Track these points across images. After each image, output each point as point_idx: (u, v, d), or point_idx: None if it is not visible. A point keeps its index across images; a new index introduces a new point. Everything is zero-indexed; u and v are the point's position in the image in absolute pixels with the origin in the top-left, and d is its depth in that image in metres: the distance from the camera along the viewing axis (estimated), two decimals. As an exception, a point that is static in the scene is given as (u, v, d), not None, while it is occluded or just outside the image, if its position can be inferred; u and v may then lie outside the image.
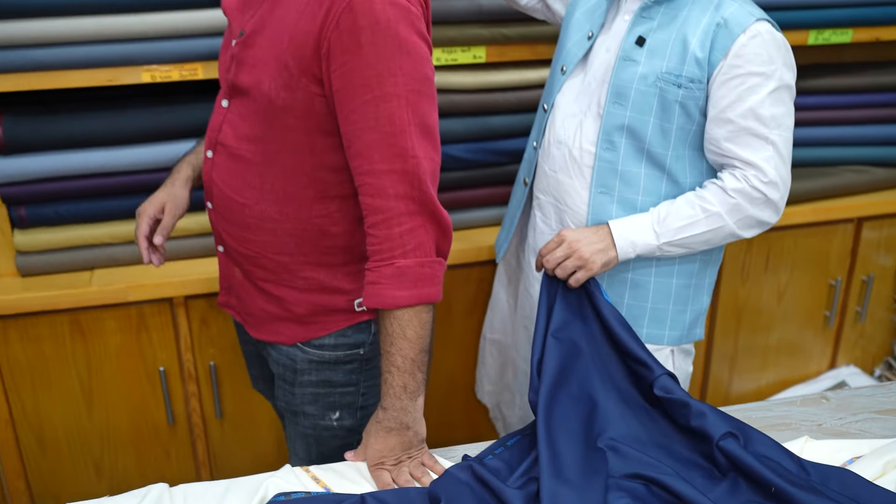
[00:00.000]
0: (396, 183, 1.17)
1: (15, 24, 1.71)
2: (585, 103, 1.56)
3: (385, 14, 1.12)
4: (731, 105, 1.43)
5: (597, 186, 1.54)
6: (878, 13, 2.21)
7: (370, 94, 1.14)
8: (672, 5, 1.48)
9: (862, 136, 2.35)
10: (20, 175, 1.80)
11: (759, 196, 1.45)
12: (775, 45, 1.43)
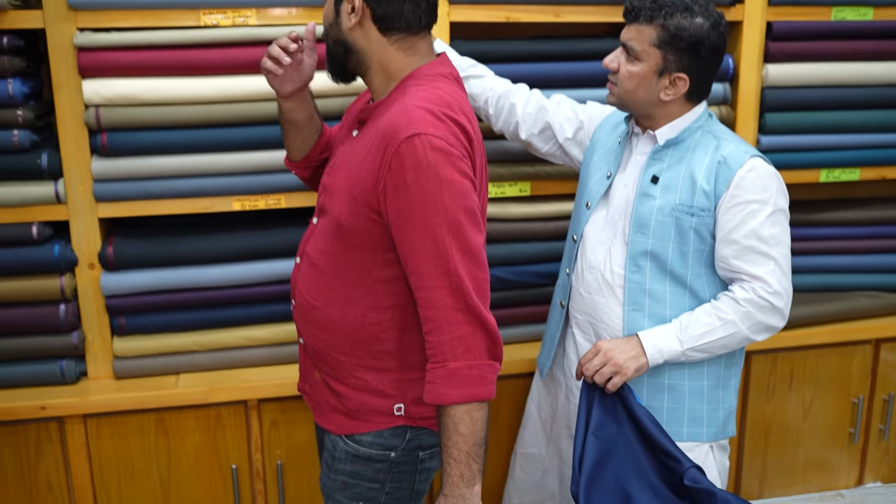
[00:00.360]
0: (445, 297, 1.37)
1: (129, 161, 2.02)
2: (611, 232, 1.79)
3: (426, 157, 1.34)
4: (736, 228, 1.68)
5: (629, 304, 1.76)
6: (883, 154, 2.45)
7: (417, 223, 1.36)
8: (679, 148, 1.74)
9: (874, 265, 2.55)
10: (125, 289, 2.07)
11: (766, 304, 1.67)
12: (768, 176, 1.69)
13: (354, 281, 1.47)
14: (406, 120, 1.34)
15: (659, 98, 1.72)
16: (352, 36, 1.45)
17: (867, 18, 2.34)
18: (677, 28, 1.65)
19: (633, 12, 1.71)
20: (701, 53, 1.68)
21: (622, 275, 1.77)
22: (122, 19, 1.96)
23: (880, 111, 2.42)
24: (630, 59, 1.71)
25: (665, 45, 1.67)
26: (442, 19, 2.08)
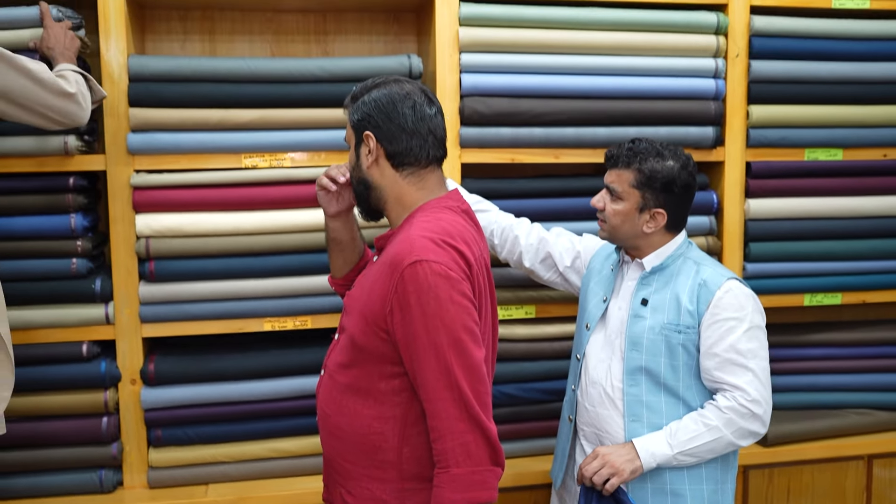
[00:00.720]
0: (449, 408, 1.51)
1: (172, 286, 2.25)
2: (610, 350, 1.99)
3: (427, 281, 1.48)
4: (716, 343, 1.87)
5: (628, 416, 1.94)
6: (863, 280, 2.65)
7: (421, 342, 1.51)
8: (664, 273, 1.96)
9: (863, 384, 2.70)
10: (162, 403, 2.25)
11: (747, 411, 1.84)
12: (744, 296, 1.90)
13: (363, 392, 1.62)
14: (409, 248, 1.52)
15: (642, 231, 1.95)
16: (370, 174, 1.66)
17: (837, 158, 2.60)
18: (651, 171, 1.91)
19: (612, 159, 1.98)
20: (674, 191, 1.92)
21: (621, 388, 1.95)
22: (173, 162, 2.23)
23: (858, 241, 2.63)
24: (614, 199, 1.96)
25: (642, 186, 1.92)
26: (454, 161, 2.35)
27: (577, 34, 2.39)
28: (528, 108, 2.38)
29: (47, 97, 1.85)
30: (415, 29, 2.64)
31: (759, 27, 2.50)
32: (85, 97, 1.95)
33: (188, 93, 2.22)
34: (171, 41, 2.52)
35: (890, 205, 2.64)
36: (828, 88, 2.58)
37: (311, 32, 2.59)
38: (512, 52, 2.38)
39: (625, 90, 2.44)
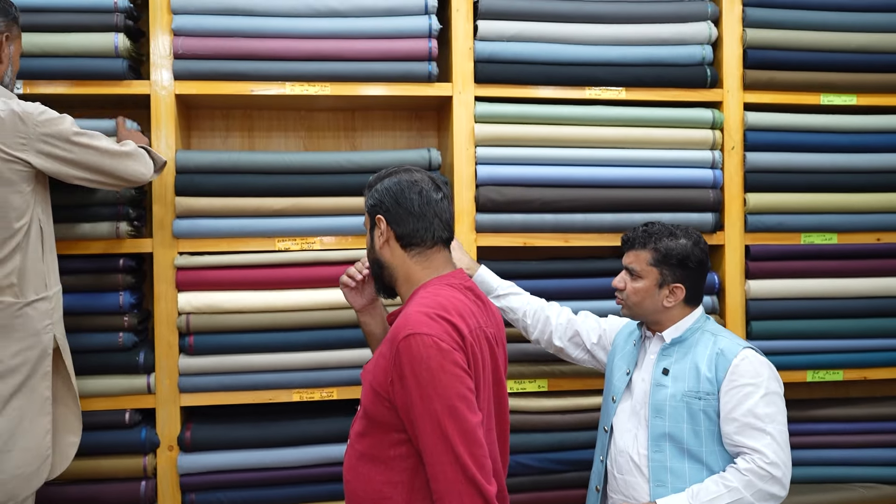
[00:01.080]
0: (447, 471, 1.60)
1: (209, 359, 2.44)
2: (636, 420, 2.10)
3: (419, 353, 1.58)
4: (734, 408, 1.97)
5: (654, 481, 2.04)
6: (864, 357, 2.77)
7: (418, 410, 1.62)
8: (683, 345, 2.10)
9: (868, 458, 2.79)
10: (197, 468, 2.41)
11: (766, 474, 1.91)
12: (759, 364, 2.01)
13: (375, 458, 1.71)
14: (405, 323, 1.65)
15: (663, 305, 2.11)
16: (382, 254, 1.83)
17: (832, 242, 2.76)
18: (667, 249, 2.08)
19: (629, 242, 2.16)
20: (689, 266, 2.09)
21: (646, 455, 2.06)
22: (213, 245, 2.45)
23: (856, 320, 2.76)
24: (633, 279, 2.12)
25: (660, 263, 2.09)
26: (471, 244, 2.55)
27: (583, 129, 2.62)
28: (539, 196, 2.58)
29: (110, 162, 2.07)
30: (435, 125, 2.89)
31: (752, 122, 2.71)
32: (146, 158, 2.17)
33: (228, 183, 2.46)
34: (214, 137, 2.78)
35: (885, 286, 2.78)
36: (821, 177, 2.76)
37: (341, 129, 2.85)
38: (523, 145, 2.60)
39: (629, 180, 2.64)
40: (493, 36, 2.57)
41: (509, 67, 2.59)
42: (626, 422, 2.13)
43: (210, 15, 2.44)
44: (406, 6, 2.51)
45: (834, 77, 2.75)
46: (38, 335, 1.96)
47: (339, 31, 2.49)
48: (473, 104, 2.57)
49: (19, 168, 1.91)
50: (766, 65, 2.72)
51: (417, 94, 2.56)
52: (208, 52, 2.44)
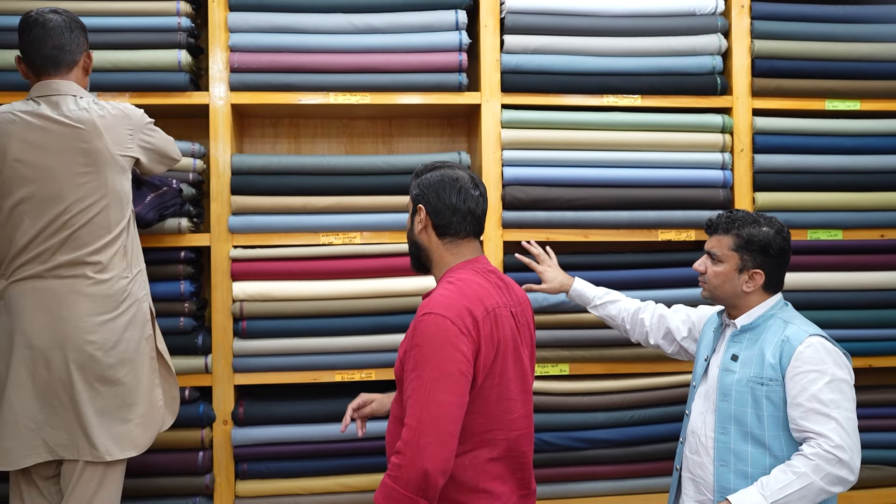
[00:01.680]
0: (406, 433, 1.71)
1: (260, 342, 2.69)
2: (707, 404, 2.21)
3: (429, 329, 1.77)
4: (799, 393, 2.01)
5: (717, 461, 2.12)
6: (869, 346, 2.94)
7: (412, 376, 1.75)
8: (754, 332, 2.16)
9: (873, 442, 2.95)
10: (249, 441, 2.66)
11: (833, 457, 1.94)
12: (825, 351, 2.04)
13: (401, 419, 1.90)
14: (429, 302, 1.86)
15: (742, 290, 2.16)
16: (420, 238, 2.05)
17: (837, 238, 2.94)
18: (749, 235, 2.15)
19: (713, 227, 2.23)
20: (770, 253, 2.14)
21: (713, 437, 2.15)
22: (264, 239, 2.72)
23: (860, 311, 2.94)
24: (714, 262, 2.20)
25: (741, 249, 2.15)
26: (497, 240, 2.78)
27: (602, 134, 2.84)
28: (560, 195, 2.81)
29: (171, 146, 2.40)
30: (465, 131, 3.13)
31: (760, 126, 2.91)
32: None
33: (278, 184, 2.72)
34: (264, 142, 3.06)
35: (888, 280, 2.95)
36: (826, 177, 2.95)
37: (379, 135, 3.11)
38: (546, 148, 2.83)
39: (644, 180, 2.85)
40: (518, 49, 2.81)
41: (533, 77, 2.82)
42: (700, 405, 2.22)
43: (262, 33, 2.72)
44: (438, 23, 2.77)
45: (838, 84, 2.95)
46: (140, 303, 2.25)
47: (378, 46, 2.75)
48: (500, 111, 2.81)
49: (128, 157, 2.22)
50: (774, 73, 2.93)
51: (449, 102, 2.81)
52: (260, 66, 2.72)
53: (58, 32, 2.18)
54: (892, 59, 2.97)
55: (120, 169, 2.20)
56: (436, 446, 1.71)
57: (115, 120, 2.19)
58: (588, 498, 2.82)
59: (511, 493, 1.91)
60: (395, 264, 2.73)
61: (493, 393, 1.87)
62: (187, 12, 2.70)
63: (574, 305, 2.76)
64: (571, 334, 2.82)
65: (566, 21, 2.83)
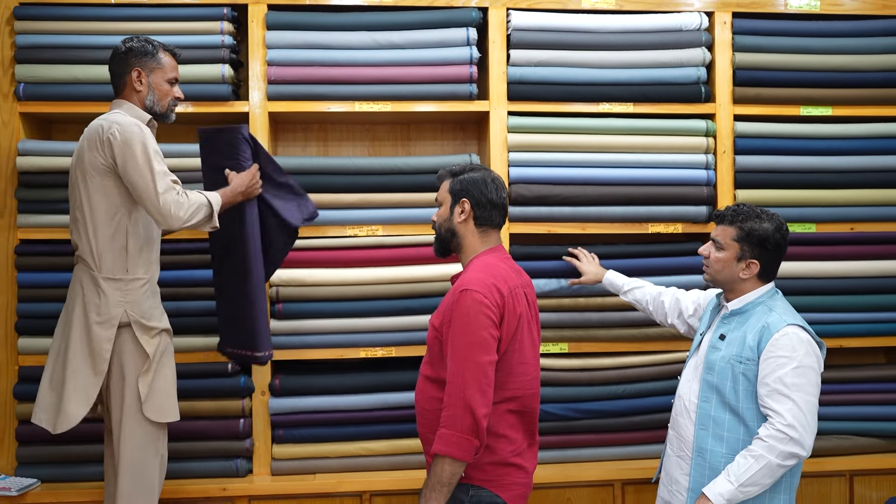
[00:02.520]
0: (451, 389, 2.10)
1: (293, 322, 3.04)
2: (695, 373, 2.48)
3: (465, 303, 2.14)
4: (768, 374, 2.25)
5: (699, 425, 2.38)
6: (840, 329, 3.25)
7: (451, 343, 2.13)
8: (742, 316, 2.39)
9: (844, 414, 3.26)
10: (285, 409, 3.02)
11: (784, 436, 2.18)
12: (798, 340, 2.27)
13: (434, 379, 2.27)
14: (465, 281, 2.22)
15: (739, 276, 2.38)
16: (458, 227, 2.37)
17: (811, 231, 3.26)
18: (750, 229, 2.36)
19: (720, 217, 2.44)
20: (767, 247, 2.36)
21: (696, 403, 2.41)
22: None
23: (832, 297, 3.26)
24: (717, 249, 2.41)
25: (742, 240, 2.36)
26: (504, 232, 3.12)
27: (598, 137, 3.18)
28: (560, 192, 3.15)
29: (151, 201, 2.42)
30: (476, 135, 3.48)
31: (741, 130, 3.24)
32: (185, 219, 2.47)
33: (309, 182, 3.06)
34: (296, 146, 3.41)
35: (857, 268, 3.27)
36: (801, 176, 3.27)
37: (398, 139, 3.45)
38: (548, 151, 3.17)
39: (636, 179, 3.19)
40: (523, 62, 3.16)
41: (536, 88, 3.16)
42: (689, 373, 2.48)
43: (296, 49, 3.07)
44: (451, 39, 3.12)
45: (812, 92, 3.27)
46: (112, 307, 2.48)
47: (397, 60, 3.10)
48: (507, 118, 3.15)
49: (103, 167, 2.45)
50: (753, 83, 3.26)
51: (460, 109, 3.15)
52: (294, 78, 3.07)
53: (111, 63, 2.60)
54: (861, 69, 3.29)
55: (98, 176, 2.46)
56: (478, 395, 2.10)
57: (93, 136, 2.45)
58: (586, 462, 3.16)
59: (522, 440, 2.28)
60: (413, 254, 3.08)
61: (514, 357, 2.23)
62: (230, 31, 3.06)
63: (571, 291, 3.10)
64: (570, 316, 3.16)
65: (566, 37, 3.17)
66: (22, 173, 2.98)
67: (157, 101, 2.60)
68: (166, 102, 2.62)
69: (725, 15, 3.25)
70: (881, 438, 3.26)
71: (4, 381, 2.98)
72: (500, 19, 3.16)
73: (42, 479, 2.95)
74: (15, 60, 3.00)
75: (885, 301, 3.29)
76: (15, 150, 2.99)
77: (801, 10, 3.30)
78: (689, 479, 2.39)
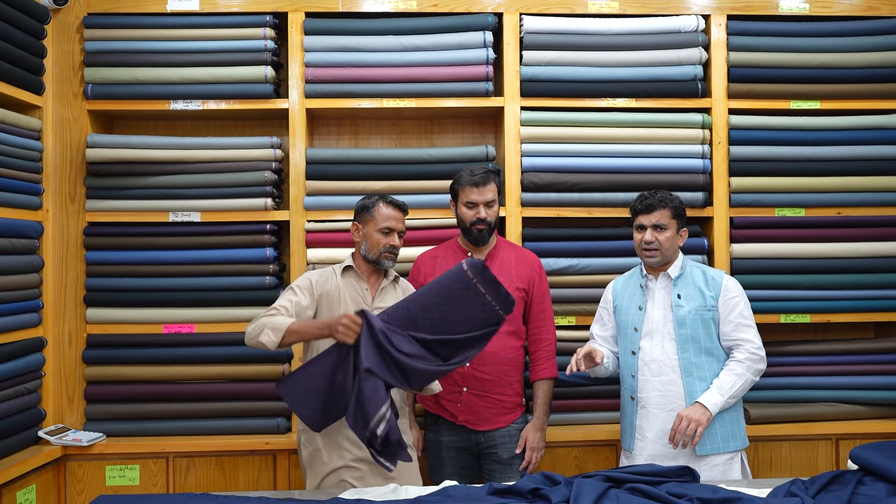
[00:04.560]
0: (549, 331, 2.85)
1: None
2: (661, 336, 2.85)
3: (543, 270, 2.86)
4: (730, 313, 2.80)
5: (684, 373, 2.79)
6: (827, 305, 3.53)
7: (544, 295, 2.81)
8: (684, 277, 2.85)
9: (830, 384, 3.53)
10: (320, 373, 3.37)
11: (757, 356, 2.77)
12: (735, 284, 2.86)
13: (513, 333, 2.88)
14: (528, 252, 2.88)
15: (678, 246, 2.89)
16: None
17: (801, 215, 3.55)
18: (679, 204, 2.86)
19: (652, 205, 2.83)
20: (685, 216, 2.90)
21: (677, 356, 2.81)
22: (332, 215, 3.43)
23: (820, 275, 3.54)
24: (661, 231, 2.82)
25: (676, 216, 2.85)
26: (517, 217, 3.45)
27: (603, 130, 3.50)
28: (568, 180, 3.47)
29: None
30: (492, 129, 3.81)
31: (735, 123, 3.54)
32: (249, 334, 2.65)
33: (343, 171, 3.43)
34: (330, 138, 3.78)
35: (844, 249, 3.55)
36: (791, 165, 3.56)
37: (422, 132, 3.80)
38: (557, 142, 3.50)
39: (637, 167, 3.51)
40: (535, 62, 3.49)
41: (547, 85, 3.50)
42: (652, 340, 2.84)
43: (330, 52, 3.44)
44: (470, 42, 3.46)
45: (801, 88, 3.56)
46: None
47: (421, 61, 3.45)
48: (520, 113, 3.49)
49: None
50: (747, 79, 3.55)
51: (478, 105, 3.50)
52: (329, 78, 3.44)
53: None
54: (847, 66, 3.57)
55: None
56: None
57: None
58: (592, 425, 3.48)
59: None
60: (436, 235, 3.42)
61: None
62: (272, 36, 3.44)
63: (577, 269, 3.43)
64: (577, 292, 3.48)
65: (573, 39, 3.50)
66: (90, 163, 3.38)
67: (369, 249, 2.81)
68: (377, 251, 2.80)
69: (721, 17, 3.55)
70: (865, 406, 3.54)
71: (75, 347, 3.37)
72: (514, 23, 3.49)
73: (107, 434, 3.34)
74: (84, 64, 3.40)
75: (869, 279, 3.56)
76: (84, 142, 3.39)
77: (791, 11, 3.60)
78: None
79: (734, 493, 2.13)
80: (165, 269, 3.40)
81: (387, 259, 2.81)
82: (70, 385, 3.33)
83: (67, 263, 3.32)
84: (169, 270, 3.40)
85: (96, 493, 3.16)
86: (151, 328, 3.39)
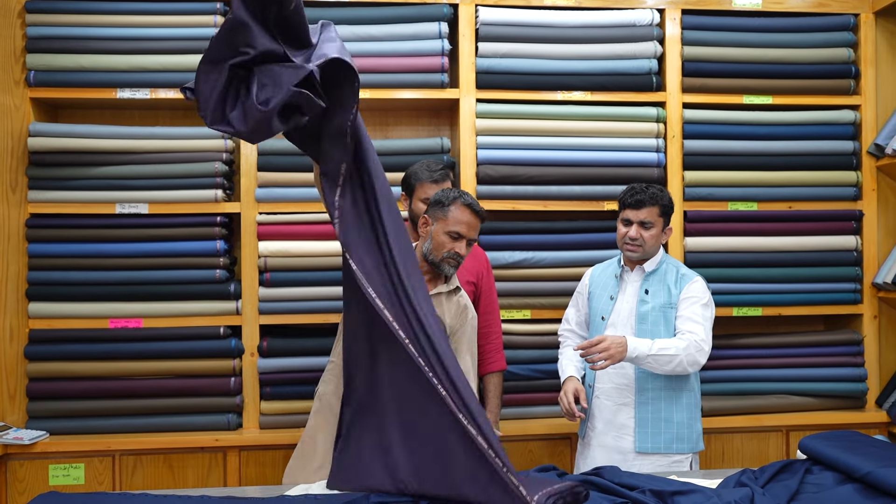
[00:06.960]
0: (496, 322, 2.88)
1: (280, 290, 3.34)
2: (623, 328, 2.83)
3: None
4: (685, 309, 2.77)
5: (637, 368, 2.77)
6: (778, 298, 3.58)
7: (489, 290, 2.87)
8: (657, 273, 2.84)
9: (780, 376, 3.58)
10: (271, 369, 3.32)
11: (698, 346, 2.70)
12: (703, 288, 2.82)
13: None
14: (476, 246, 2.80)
15: (661, 244, 2.86)
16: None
17: (753, 209, 3.58)
18: (667, 203, 2.82)
19: (642, 202, 2.77)
20: (671, 214, 2.86)
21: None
22: (283, 207, 3.37)
23: (771, 269, 3.58)
24: (646, 228, 2.78)
25: (663, 214, 2.82)
26: (472, 208, 3.42)
27: (558, 123, 3.49)
28: (524, 173, 3.46)
29: None
30: (448, 121, 3.78)
31: (688, 117, 3.56)
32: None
33: (293, 162, 3.36)
34: (283, 131, 3.70)
35: (794, 243, 3.59)
36: (744, 159, 3.60)
37: (377, 123, 3.75)
38: (513, 134, 3.48)
39: (592, 160, 3.50)
40: (490, 54, 3.47)
41: (502, 77, 3.48)
42: (615, 331, 2.82)
43: (282, 40, 3.37)
44: (425, 33, 3.42)
45: (754, 83, 3.60)
46: None
47: (376, 52, 3.40)
48: (475, 105, 3.46)
49: None
50: (700, 74, 3.57)
51: (433, 97, 3.46)
52: (281, 67, 3.36)
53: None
54: (798, 62, 3.62)
55: None
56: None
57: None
58: (546, 418, 3.47)
59: None
60: (389, 228, 3.37)
61: None
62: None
63: (532, 263, 3.43)
64: (532, 286, 3.47)
65: (529, 31, 3.48)
66: (32, 153, 3.27)
67: (432, 249, 2.63)
68: (441, 254, 2.61)
69: (675, 12, 3.57)
70: (815, 397, 3.59)
71: (16, 343, 3.26)
72: (470, 14, 3.47)
73: (50, 432, 3.24)
74: (26, 50, 3.29)
75: (820, 273, 3.62)
76: (26, 131, 3.27)
77: (744, 7, 3.62)
78: (635, 415, 2.79)
79: (686, 485, 2.13)
80: (111, 261, 3.30)
81: (448, 265, 2.62)
82: (11, 382, 3.23)
83: (8, 256, 3.22)
84: (115, 263, 3.30)
85: (39, 493, 3.06)
86: (97, 323, 3.29)
